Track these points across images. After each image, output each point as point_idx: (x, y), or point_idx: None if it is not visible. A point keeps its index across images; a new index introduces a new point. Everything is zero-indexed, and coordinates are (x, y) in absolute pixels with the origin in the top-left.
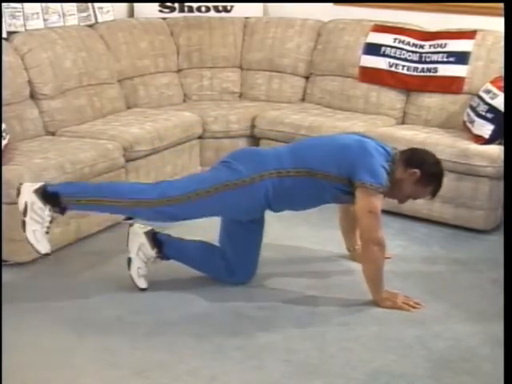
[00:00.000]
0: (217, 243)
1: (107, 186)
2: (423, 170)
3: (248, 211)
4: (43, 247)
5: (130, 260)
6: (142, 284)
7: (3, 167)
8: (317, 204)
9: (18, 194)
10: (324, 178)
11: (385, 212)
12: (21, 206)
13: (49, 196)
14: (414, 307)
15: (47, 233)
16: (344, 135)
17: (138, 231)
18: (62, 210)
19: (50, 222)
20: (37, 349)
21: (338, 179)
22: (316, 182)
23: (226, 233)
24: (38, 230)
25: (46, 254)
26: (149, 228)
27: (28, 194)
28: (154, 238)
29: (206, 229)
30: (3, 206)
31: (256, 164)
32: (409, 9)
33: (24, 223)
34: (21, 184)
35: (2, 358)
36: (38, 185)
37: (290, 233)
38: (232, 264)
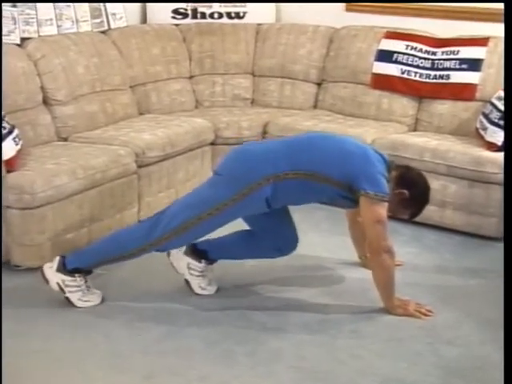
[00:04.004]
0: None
1: (115, 242)
2: (411, 192)
3: (253, 213)
4: (95, 300)
5: (187, 281)
6: (212, 290)
7: (16, 173)
8: (312, 202)
9: (47, 281)
10: (323, 181)
11: (396, 219)
12: (56, 288)
13: (71, 271)
14: (425, 314)
15: (89, 287)
16: (344, 138)
17: (178, 255)
18: (89, 273)
19: (86, 281)
20: (47, 353)
21: (338, 184)
22: (314, 184)
23: (250, 223)
24: (80, 295)
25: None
26: (185, 246)
27: (54, 276)
28: (195, 252)
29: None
30: (16, 212)
31: (251, 172)
32: (421, 15)
33: (68, 299)
34: (41, 271)
35: (1, 359)
36: (55, 263)
37: (300, 239)
38: (274, 243)
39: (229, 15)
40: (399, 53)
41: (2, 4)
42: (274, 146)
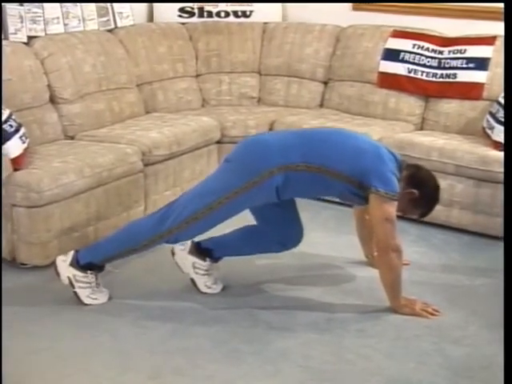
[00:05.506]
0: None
1: (127, 234)
2: (421, 191)
3: (262, 203)
4: (102, 298)
5: (193, 281)
6: (218, 289)
7: (23, 171)
8: (321, 196)
9: (58, 274)
10: (334, 176)
11: (402, 218)
12: (66, 282)
13: (84, 266)
14: (432, 314)
15: (98, 284)
16: (358, 135)
17: (183, 255)
18: (101, 269)
19: (96, 278)
20: (53, 353)
21: (349, 180)
22: (325, 178)
23: (256, 215)
24: (89, 292)
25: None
26: (189, 245)
27: (66, 270)
28: (200, 251)
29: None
30: (23, 210)
31: (263, 161)
32: (428, 14)
33: (76, 294)
34: (55, 264)
35: (1, 359)
36: (69, 257)
37: (306, 238)
38: (279, 237)
39: (235, 14)
40: (406, 52)
41: (10, 3)
42: (288, 137)
